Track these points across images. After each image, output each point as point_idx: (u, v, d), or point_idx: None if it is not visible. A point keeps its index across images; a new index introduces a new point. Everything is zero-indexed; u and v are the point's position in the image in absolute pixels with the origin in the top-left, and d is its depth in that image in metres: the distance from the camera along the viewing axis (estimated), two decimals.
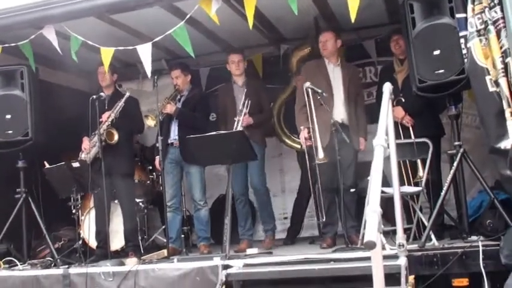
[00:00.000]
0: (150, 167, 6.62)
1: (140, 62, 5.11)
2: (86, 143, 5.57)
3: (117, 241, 5.86)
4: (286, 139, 6.74)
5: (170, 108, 5.61)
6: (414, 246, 4.15)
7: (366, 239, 2.28)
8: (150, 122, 5.57)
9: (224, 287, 4.11)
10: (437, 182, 4.98)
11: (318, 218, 5.77)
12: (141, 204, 6.45)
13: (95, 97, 5.33)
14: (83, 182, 5.28)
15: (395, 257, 3.75)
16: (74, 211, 5.70)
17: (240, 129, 5.23)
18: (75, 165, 5.28)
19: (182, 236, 5.67)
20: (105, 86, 5.77)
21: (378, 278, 2.61)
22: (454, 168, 4.37)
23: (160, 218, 6.84)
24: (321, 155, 4.93)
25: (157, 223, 6.88)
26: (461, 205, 4.51)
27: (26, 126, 5.42)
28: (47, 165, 5.42)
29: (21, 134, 5.43)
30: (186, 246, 5.54)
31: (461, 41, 4.12)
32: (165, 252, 5.26)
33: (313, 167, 5.10)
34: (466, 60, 4.06)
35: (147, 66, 4.97)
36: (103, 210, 5.48)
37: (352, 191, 5.14)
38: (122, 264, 4.86)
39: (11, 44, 5.24)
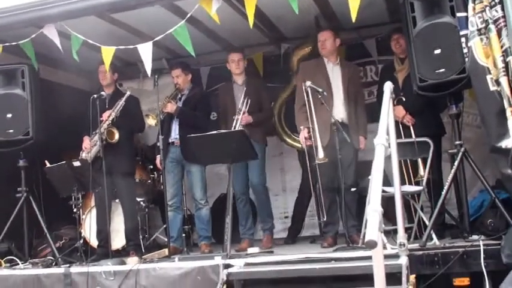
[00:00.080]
0: (151, 166, 6.61)
1: (141, 61, 5.12)
2: (86, 142, 5.56)
3: (118, 240, 5.86)
4: (287, 138, 6.73)
5: (171, 107, 5.60)
6: (415, 245, 4.16)
7: (367, 238, 2.28)
8: (151, 121, 5.55)
9: (225, 286, 4.11)
10: (438, 181, 4.98)
11: (318, 217, 5.78)
12: (142, 203, 6.45)
13: (95, 96, 5.34)
14: (83, 181, 5.28)
15: (396, 256, 3.75)
16: (75, 210, 5.69)
17: (240, 128, 5.22)
18: (76, 164, 5.28)
19: (183, 235, 5.69)
20: (105, 85, 5.77)
21: (379, 277, 2.62)
22: (455, 167, 4.37)
23: (161, 217, 6.85)
24: (321, 154, 4.92)
25: (158, 222, 6.88)
26: (462, 204, 4.51)
27: (27, 125, 5.42)
28: (48, 164, 5.43)
29: (22, 133, 5.43)
30: (187, 245, 5.55)
31: (462, 40, 4.13)
32: (166, 251, 5.27)
33: (313, 167, 5.09)
34: (466, 59, 4.06)
35: (148, 65, 4.96)
36: (104, 209, 5.46)
37: (353, 190, 5.12)
38: (123, 263, 4.86)
39: (12, 43, 5.24)
